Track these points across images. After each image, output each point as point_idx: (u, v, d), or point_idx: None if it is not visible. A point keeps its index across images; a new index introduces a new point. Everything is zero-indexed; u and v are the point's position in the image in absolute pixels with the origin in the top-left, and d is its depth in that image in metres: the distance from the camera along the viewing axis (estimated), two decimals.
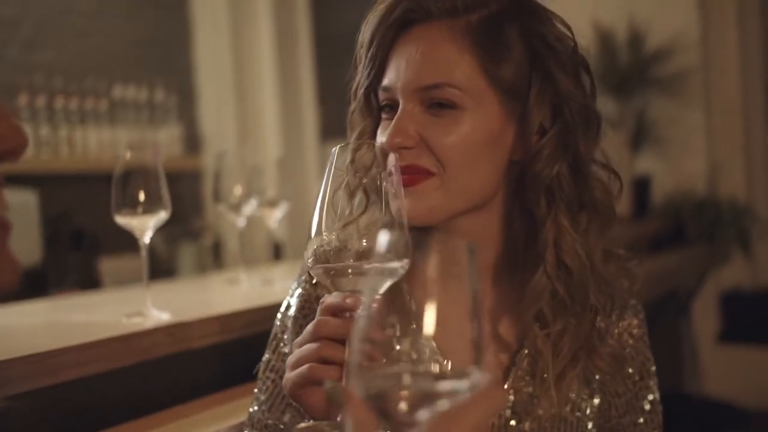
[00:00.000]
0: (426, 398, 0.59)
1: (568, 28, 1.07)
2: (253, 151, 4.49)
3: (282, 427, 1.09)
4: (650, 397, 1.17)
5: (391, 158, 0.91)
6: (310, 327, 0.91)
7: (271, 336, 1.14)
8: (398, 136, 1.01)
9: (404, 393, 0.59)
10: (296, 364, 0.90)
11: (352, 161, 0.98)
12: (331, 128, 4.73)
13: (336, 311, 0.90)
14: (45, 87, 3.86)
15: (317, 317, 0.91)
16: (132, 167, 1.47)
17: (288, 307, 1.14)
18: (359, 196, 1.02)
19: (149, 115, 4.38)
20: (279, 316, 1.15)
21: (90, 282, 3.75)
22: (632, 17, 3.85)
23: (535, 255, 1.06)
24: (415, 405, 0.59)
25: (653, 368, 1.17)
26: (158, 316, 1.46)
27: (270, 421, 1.09)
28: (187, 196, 4.30)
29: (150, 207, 1.46)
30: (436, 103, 1.02)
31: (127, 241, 1.59)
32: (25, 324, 1.60)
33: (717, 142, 4.02)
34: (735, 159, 4.01)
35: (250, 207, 1.98)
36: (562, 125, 1.05)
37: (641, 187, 3.73)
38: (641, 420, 1.16)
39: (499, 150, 1.05)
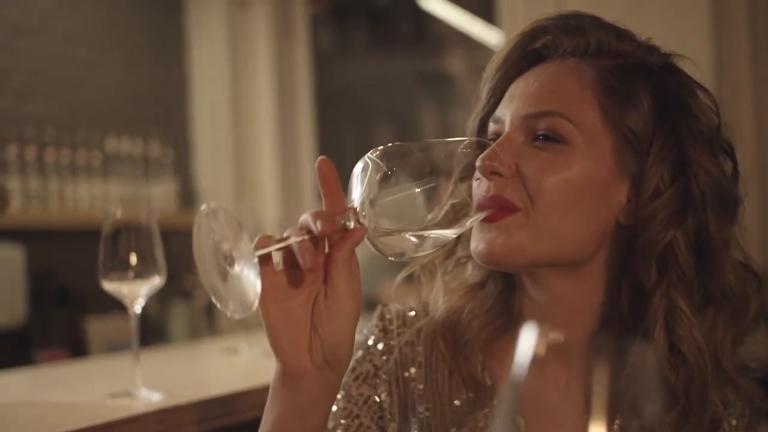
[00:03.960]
0: None
1: (716, 104, 0.97)
2: (249, 208, 4.36)
3: None
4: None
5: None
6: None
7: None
8: (493, 159, 0.89)
9: None
10: None
11: None
12: None
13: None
14: (36, 138, 3.71)
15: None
16: (123, 226, 1.30)
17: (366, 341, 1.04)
18: None
19: (144, 169, 4.25)
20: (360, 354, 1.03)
21: (76, 342, 3.60)
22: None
23: (642, 334, 0.89)
24: None
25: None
26: (148, 397, 1.28)
27: None
28: (180, 253, 4.12)
29: (142, 271, 1.29)
30: (543, 134, 0.91)
31: (118, 300, 1.42)
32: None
33: None
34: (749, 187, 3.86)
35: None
36: (683, 189, 0.91)
37: None
38: None
39: (603, 203, 0.91)
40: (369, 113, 4.73)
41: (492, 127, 0.98)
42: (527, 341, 0.54)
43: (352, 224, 0.79)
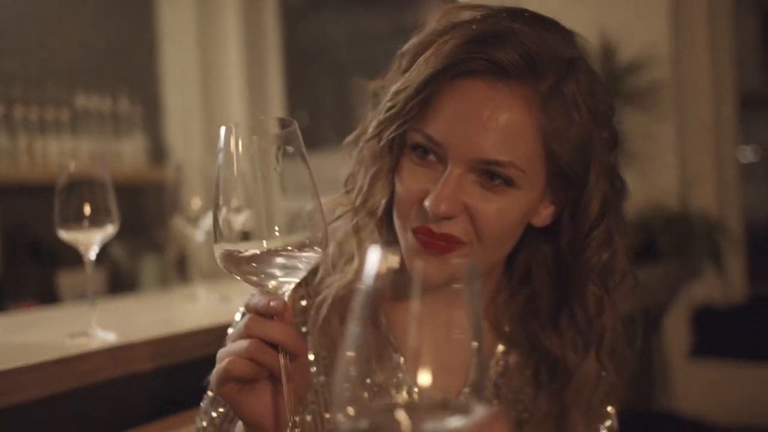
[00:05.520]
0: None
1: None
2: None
3: None
4: (608, 423, 1.13)
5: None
6: (241, 323, 0.86)
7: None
8: (446, 204, 0.93)
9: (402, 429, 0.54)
10: (221, 358, 0.87)
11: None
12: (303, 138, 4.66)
13: (263, 314, 0.85)
14: (3, 95, 3.75)
15: (246, 311, 0.88)
16: (78, 179, 1.39)
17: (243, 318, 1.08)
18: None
19: (113, 125, 4.29)
20: (234, 325, 1.08)
21: (48, 295, 3.66)
22: (603, 29, 3.82)
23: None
24: None
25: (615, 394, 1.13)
26: (103, 336, 1.38)
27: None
28: (151, 207, 4.20)
29: (96, 221, 1.39)
30: (490, 174, 0.95)
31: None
32: None
33: (689, 157, 3.99)
34: (707, 173, 3.99)
35: (209, 221, 1.90)
36: (613, 210, 1.03)
37: None
38: None
39: (528, 220, 1.02)
40: (344, 69, 4.74)
41: (422, 139, 0.97)
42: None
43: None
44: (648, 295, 3.41)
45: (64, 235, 1.39)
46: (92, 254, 1.41)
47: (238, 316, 1.11)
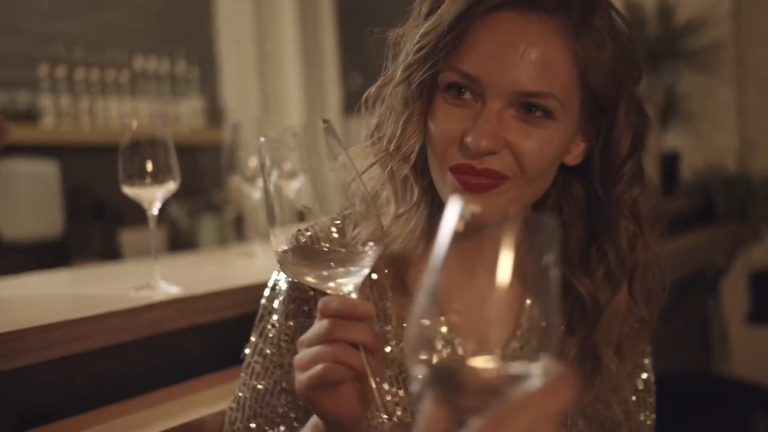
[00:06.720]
0: (496, 383, 0.53)
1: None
2: (275, 123, 4.46)
3: (279, 414, 1.05)
4: (644, 376, 1.13)
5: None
6: (321, 327, 0.85)
7: (258, 317, 1.09)
8: (487, 139, 0.93)
9: (474, 377, 0.53)
10: (309, 364, 0.86)
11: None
12: (354, 101, 4.66)
13: (346, 317, 0.85)
14: (65, 58, 3.83)
15: (322, 316, 0.86)
16: (140, 138, 1.43)
17: (275, 287, 1.09)
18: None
19: (171, 87, 4.35)
20: (266, 295, 1.09)
21: (111, 253, 3.77)
22: None
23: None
24: (485, 391, 0.52)
25: (648, 348, 1.13)
26: (167, 289, 1.43)
27: (266, 410, 1.05)
28: (208, 168, 4.27)
29: (158, 177, 1.43)
30: (529, 106, 0.95)
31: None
32: (38, 295, 1.58)
33: (748, 118, 3.91)
34: (767, 135, 3.91)
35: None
36: (643, 146, 1.03)
37: (670, 163, 3.64)
38: (633, 398, 1.11)
39: (563, 155, 1.02)
40: (396, 22, 4.72)
41: (457, 77, 0.96)
42: (449, 215, 0.55)
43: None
44: (705, 258, 3.38)
45: (128, 191, 1.43)
46: (155, 210, 1.45)
47: (273, 283, 1.10)
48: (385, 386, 1.01)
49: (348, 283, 0.87)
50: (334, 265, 0.86)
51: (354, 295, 0.87)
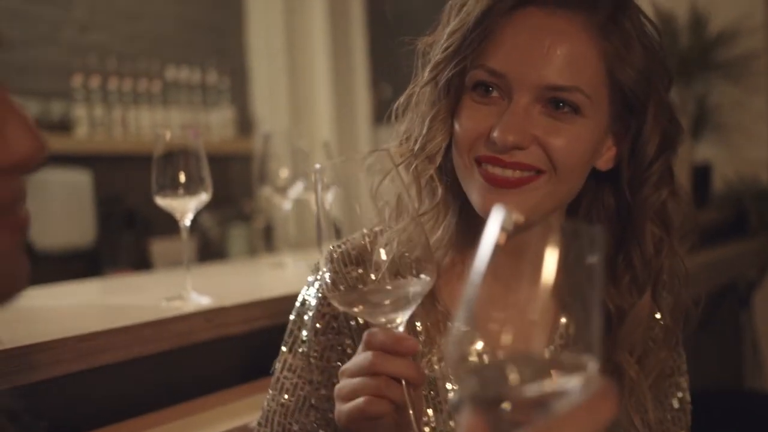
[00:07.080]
0: (539, 398, 0.51)
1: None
2: (305, 134, 4.47)
3: (307, 430, 1.04)
4: (679, 395, 1.11)
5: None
6: (365, 359, 0.85)
7: (287, 332, 1.09)
8: (513, 133, 0.92)
9: (517, 388, 0.52)
10: (350, 395, 0.85)
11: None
12: (384, 111, 4.66)
13: (391, 351, 0.84)
14: (99, 68, 3.88)
15: (366, 348, 0.85)
16: (173, 148, 1.44)
17: (304, 302, 1.08)
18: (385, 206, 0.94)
19: (202, 96, 4.38)
20: (295, 311, 1.09)
21: (142, 263, 3.80)
22: (694, 1, 3.72)
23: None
24: (527, 404, 0.51)
25: (684, 365, 1.12)
26: (198, 300, 1.44)
27: (295, 427, 1.05)
28: (238, 178, 4.30)
29: (191, 189, 1.44)
30: (556, 102, 0.94)
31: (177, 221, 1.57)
32: (70, 305, 1.60)
33: None
34: None
35: (296, 190, 1.94)
36: (672, 148, 1.01)
37: (702, 175, 3.60)
38: (669, 417, 1.10)
39: (595, 157, 1.01)
40: (425, 31, 4.73)
41: (484, 75, 0.95)
42: (492, 225, 0.54)
43: None
44: (737, 271, 3.34)
45: (161, 202, 1.44)
46: (187, 221, 1.46)
47: (302, 300, 1.09)
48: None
49: (397, 318, 0.86)
50: (386, 302, 0.85)
51: (401, 328, 0.86)
